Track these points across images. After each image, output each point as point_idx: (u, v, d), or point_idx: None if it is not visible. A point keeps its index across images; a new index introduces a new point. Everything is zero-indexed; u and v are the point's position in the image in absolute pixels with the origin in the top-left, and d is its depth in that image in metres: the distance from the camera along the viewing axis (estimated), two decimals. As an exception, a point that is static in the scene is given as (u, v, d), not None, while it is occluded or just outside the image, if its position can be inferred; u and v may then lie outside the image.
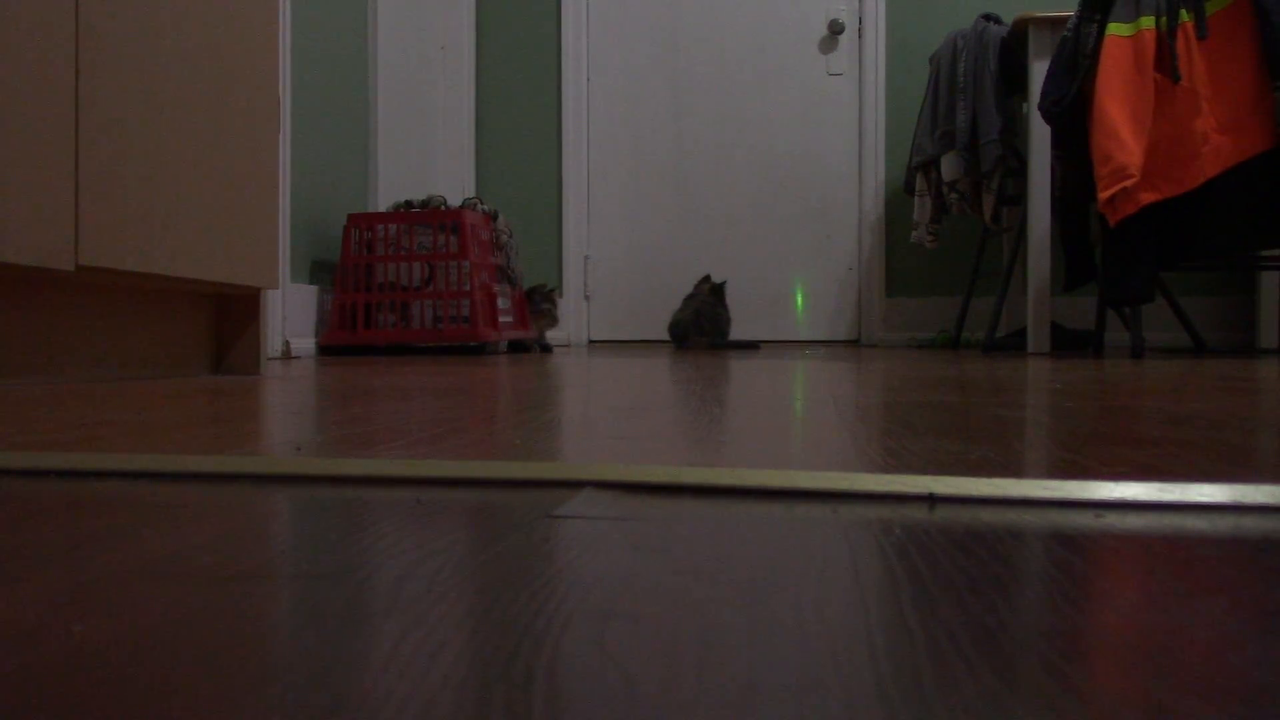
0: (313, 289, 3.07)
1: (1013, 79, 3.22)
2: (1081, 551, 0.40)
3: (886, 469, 0.60)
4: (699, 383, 1.49)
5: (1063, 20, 2.86)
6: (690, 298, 3.74)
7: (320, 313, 3.11)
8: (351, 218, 3.10)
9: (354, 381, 1.57)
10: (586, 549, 0.40)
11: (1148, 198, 2.49)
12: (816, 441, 0.73)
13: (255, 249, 1.84)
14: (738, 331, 4.04)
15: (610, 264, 4.27)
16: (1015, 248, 3.36)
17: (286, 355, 2.83)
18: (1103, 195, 2.52)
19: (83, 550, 0.40)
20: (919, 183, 3.48)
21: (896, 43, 4.08)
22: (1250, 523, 0.45)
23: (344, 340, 3.05)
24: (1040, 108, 2.77)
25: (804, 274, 4.18)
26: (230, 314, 1.92)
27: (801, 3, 4.17)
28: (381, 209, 3.46)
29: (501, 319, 3.23)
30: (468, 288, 3.05)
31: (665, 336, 4.19)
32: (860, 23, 4.10)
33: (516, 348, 3.42)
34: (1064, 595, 0.33)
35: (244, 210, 1.81)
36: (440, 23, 4.13)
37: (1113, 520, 0.46)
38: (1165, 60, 2.49)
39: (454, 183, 4.18)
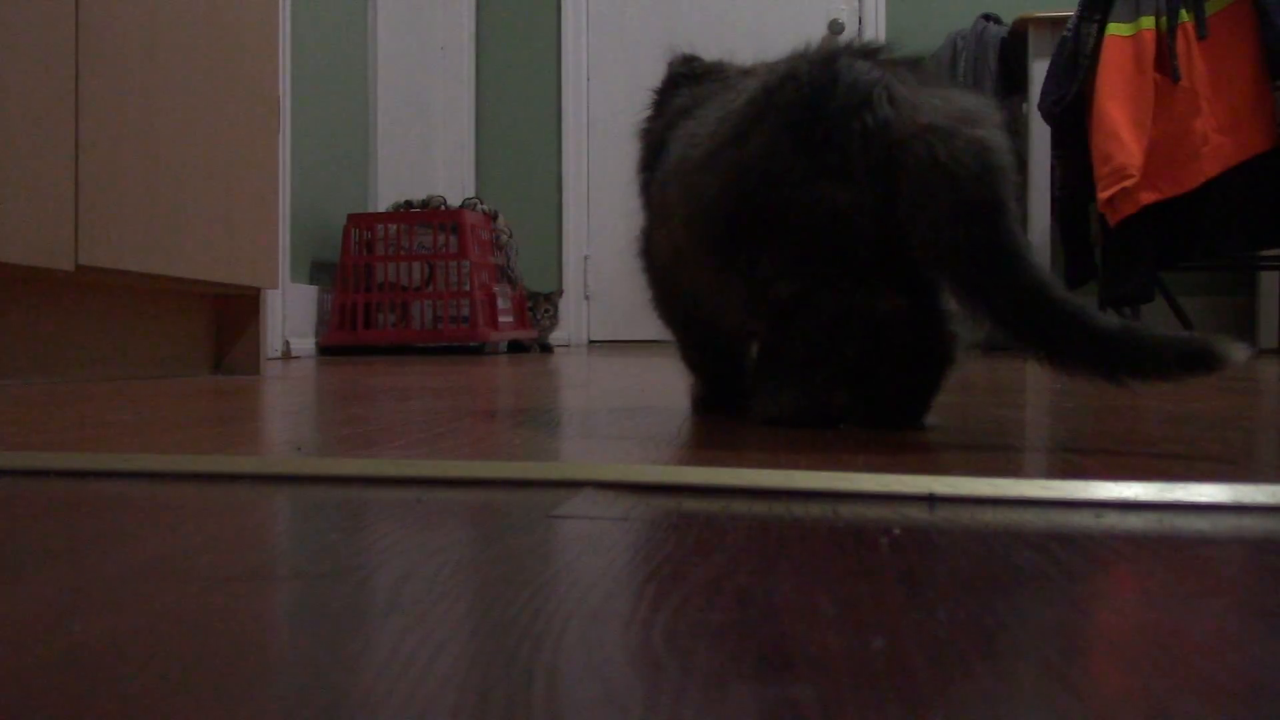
0: (313, 289, 3.07)
1: (1013, 79, 3.21)
2: (1081, 551, 0.40)
3: (887, 469, 0.60)
4: (699, 383, 1.49)
5: (1063, 20, 2.86)
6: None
7: (320, 313, 3.11)
8: (351, 218, 3.10)
9: (354, 381, 1.57)
10: (586, 549, 0.40)
11: (1148, 198, 2.49)
12: (817, 441, 0.73)
13: (255, 249, 1.84)
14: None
15: (610, 264, 4.27)
16: (1015, 248, 3.35)
17: (286, 355, 2.83)
18: (1103, 195, 2.52)
19: (83, 550, 0.40)
20: (919, 183, 3.48)
21: (896, 43, 4.08)
22: (1250, 523, 0.45)
23: (344, 340, 3.05)
24: (1040, 108, 2.77)
25: (804, 274, 4.18)
26: (230, 314, 1.92)
27: (801, 3, 4.17)
28: (381, 209, 3.46)
29: (501, 319, 3.23)
30: (468, 288, 3.05)
31: (665, 337, 4.18)
32: (860, 23, 4.10)
33: (516, 348, 3.42)
34: (1064, 595, 0.33)
35: (244, 210, 1.81)
36: (440, 23, 4.13)
37: (1113, 520, 0.46)
38: (1165, 60, 2.49)
39: (454, 183, 4.18)
